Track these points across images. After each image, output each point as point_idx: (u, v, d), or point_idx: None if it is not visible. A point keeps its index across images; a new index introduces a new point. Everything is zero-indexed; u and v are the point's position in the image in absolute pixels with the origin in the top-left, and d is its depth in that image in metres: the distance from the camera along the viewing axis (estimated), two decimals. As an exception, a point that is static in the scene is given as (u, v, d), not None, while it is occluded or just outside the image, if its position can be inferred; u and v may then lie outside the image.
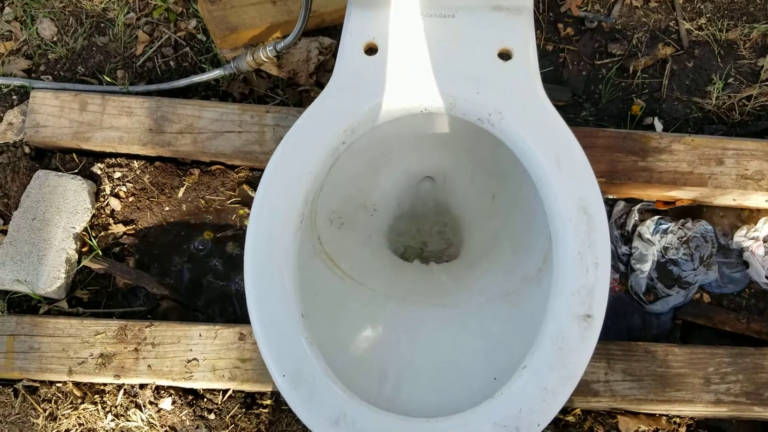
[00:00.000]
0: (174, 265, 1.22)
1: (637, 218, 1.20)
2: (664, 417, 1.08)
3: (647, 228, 1.18)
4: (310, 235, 0.89)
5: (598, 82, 1.34)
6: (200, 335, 1.09)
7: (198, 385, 1.06)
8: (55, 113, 1.24)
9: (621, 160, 1.18)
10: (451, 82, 0.82)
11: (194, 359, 1.07)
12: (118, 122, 1.24)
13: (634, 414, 1.07)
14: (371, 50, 0.87)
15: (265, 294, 0.72)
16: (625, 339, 1.13)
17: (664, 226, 1.18)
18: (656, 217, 1.19)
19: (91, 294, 1.18)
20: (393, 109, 0.84)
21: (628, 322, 1.16)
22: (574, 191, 0.76)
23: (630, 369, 1.06)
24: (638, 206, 1.20)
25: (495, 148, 0.91)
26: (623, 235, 1.20)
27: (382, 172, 1.03)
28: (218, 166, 1.28)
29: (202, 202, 1.26)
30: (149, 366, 1.06)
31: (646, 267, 1.16)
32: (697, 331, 1.17)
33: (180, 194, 1.26)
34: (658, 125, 1.31)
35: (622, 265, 1.19)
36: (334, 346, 0.77)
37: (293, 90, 1.35)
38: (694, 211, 1.23)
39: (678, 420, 1.09)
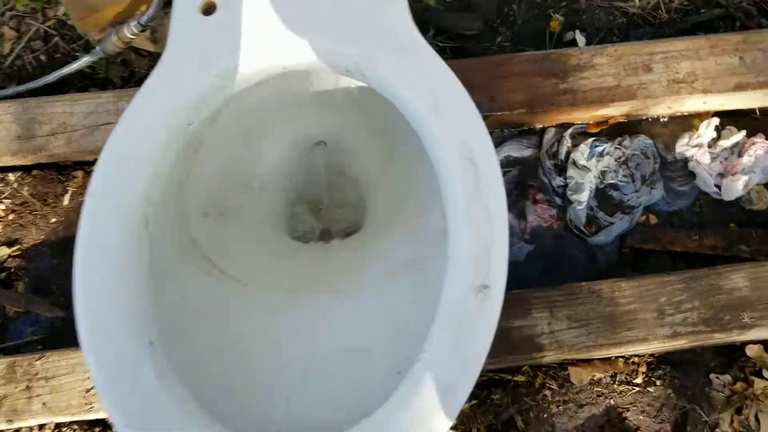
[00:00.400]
0: (68, 280, 1.09)
1: (569, 144, 1.07)
2: (620, 359, 0.99)
3: (581, 153, 1.06)
4: (178, 236, 0.76)
5: (511, 2, 1.20)
6: (101, 357, 0.97)
7: (101, 415, 0.95)
8: None
9: (540, 85, 1.05)
10: (307, 33, 0.69)
11: (93, 387, 0.96)
12: (-19, 134, 1.09)
13: (588, 362, 0.98)
14: (209, 9, 0.73)
15: (98, 326, 0.60)
16: (574, 281, 1.02)
17: (599, 149, 1.06)
18: (590, 140, 1.07)
19: (-22, 330, 1.06)
20: (247, 74, 0.71)
21: (572, 260, 1.05)
22: (455, 138, 0.63)
23: (575, 314, 0.96)
24: (569, 131, 1.08)
25: (383, 100, 0.78)
26: (557, 165, 1.08)
27: (264, 146, 0.89)
28: (103, 164, 1.14)
29: (92, 206, 1.12)
30: (44, 404, 0.95)
31: (584, 196, 1.04)
32: (649, 257, 1.06)
33: (65, 202, 1.13)
34: (581, 39, 1.18)
35: (558, 198, 1.07)
36: (206, 370, 0.66)
37: (174, 64, 1.20)
38: (632, 126, 1.11)
39: (636, 359, 0.99)
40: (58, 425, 0.97)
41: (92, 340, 0.59)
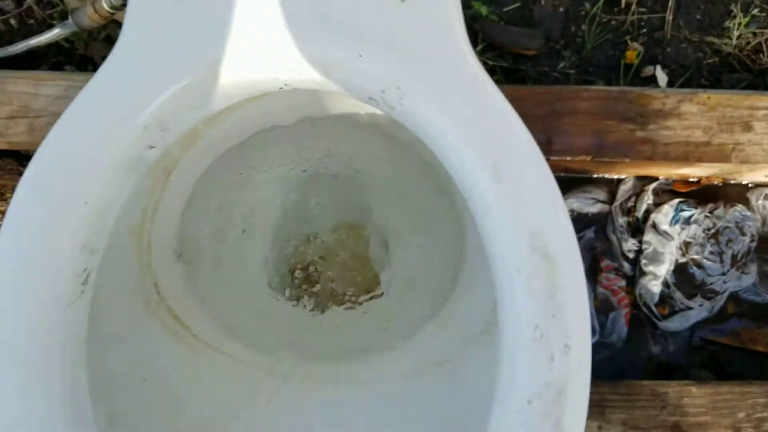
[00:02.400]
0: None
1: (650, 202, 0.88)
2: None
3: (664, 216, 0.86)
4: (138, 285, 0.58)
5: (580, 21, 1.00)
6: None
7: None
8: None
9: (612, 129, 0.86)
10: (319, 38, 0.49)
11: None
12: (-68, 108, 0.91)
13: (635, 481, 0.79)
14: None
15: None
16: (629, 372, 0.84)
17: (686, 214, 0.87)
18: (676, 200, 0.87)
19: None
20: (233, 87, 0.51)
21: (634, 347, 0.86)
22: (523, 220, 0.44)
23: (633, 420, 0.77)
24: (653, 186, 0.88)
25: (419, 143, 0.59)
26: (630, 225, 0.89)
27: (255, 178, 0.70)
28: (75, 159, 0.95)
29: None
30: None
31: (662, 270, 0.85)
32: (723, 353, 0.87)
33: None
34: (662, 76, 0.98)
35: (628, 264, 0.88)
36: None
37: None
38: (728, 191, 0.91)
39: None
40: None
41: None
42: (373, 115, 0.67)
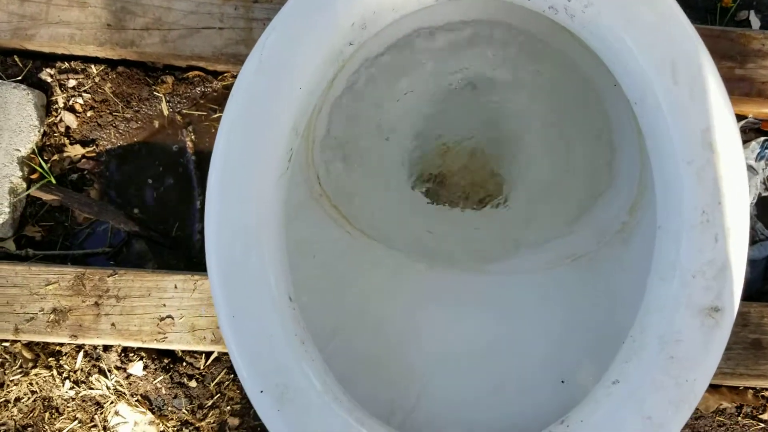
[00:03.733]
0: (146, 195, 0.99)
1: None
2: (750, 391, 0.87)
3: (751, 152, 0.92)
4: (305, 173, 0.65)
5: (681, -38, 1.03)
6: (176, 287, 0.88)
7: (174, 347, 0.86)
8: (-13, 3, 0.97)
9: (714, 66, 0.90)
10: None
11: (168, 317, 0.87)
12: (68, 15, 0.97)
13: (715, 388, 0.86)
14: None
15: (236, 269, 0.50)
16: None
17: (771, 151, 0.93)
18: (762, 138, 0.93)
19: (45, 231, 0.96)
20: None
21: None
22: (697, 118, 0.50)
23: (714, 336, 0.84)
24: (741, 123, 0.93)
25: (569, 48, 0.65)
26: None
27: (404, 81, 0.76)
28: (197, 72, 1.02)
29: (179, 117, 1.01)
30: (113, 324, 0.86)
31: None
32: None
33: (150, 107, 1.01)
34: (756, 21, 1.02)
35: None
36: (336, 337, 0.55)
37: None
38: None
39: (767, 394, 0.88)
40: (125, 349, 0.89)
41: (227, 287, 0.48)
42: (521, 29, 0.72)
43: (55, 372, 0.88)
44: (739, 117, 0.95)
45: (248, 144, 0.52)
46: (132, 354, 0.89)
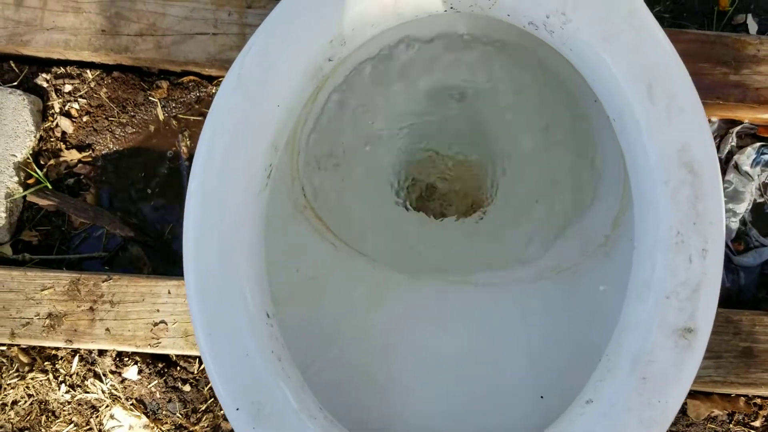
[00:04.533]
0: (141, 200, 1.00)
1: (734, 144, 0.93)
2: (742, 398, 0.87)
3: (746, 157, 0.91)
4: (289, 186, 0.65)
5: (677, -35, 1.03)
6: (169, 292, 0.89)
7: (167, 352, 0.87)
8: (-17, 9, 0.98)
9: (707, 72, 0.90)
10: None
11: (162, 322, 0.88)
12: (63, 21, 0.98)
13: (707, 395, 0.87)
14: None
15: (212, 287, 0.50)
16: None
17: (766, 157, 0.92)
18: (758, 144, 0.92)
19: (42, 235, 0.98)
20: (403, 9, 0.57)
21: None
22: (673, 137, 0.50)
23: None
24: (737, 129, 0.93)
25: (552, 61, 0.65)
26: None
27: (391, 90, 0.76)
28: (191, 78, 1.02)
29: (174, 122, 1.01)
30: (107, 329, 0.87)
31: (741, 207, 0.91)
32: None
33: (146, 112, 1.02)
34: (753, 25, 1.01)
35: (712, 202, 0.94)
36: (319, 351, 0.55)
37: (283, -24, 1.06)
38: None
39: (759, 401, 0.88)
40: (120, 354, 0.90)
41: (203, 303, 0.49)
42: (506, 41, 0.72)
43: (51, 376, 0.89)
44: (735, 123, 0.95)
45: (226, 161, 0.52)
46: (127, 358, 0.90)
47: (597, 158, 0.67)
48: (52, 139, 1.00)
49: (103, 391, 0.89)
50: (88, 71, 1.02)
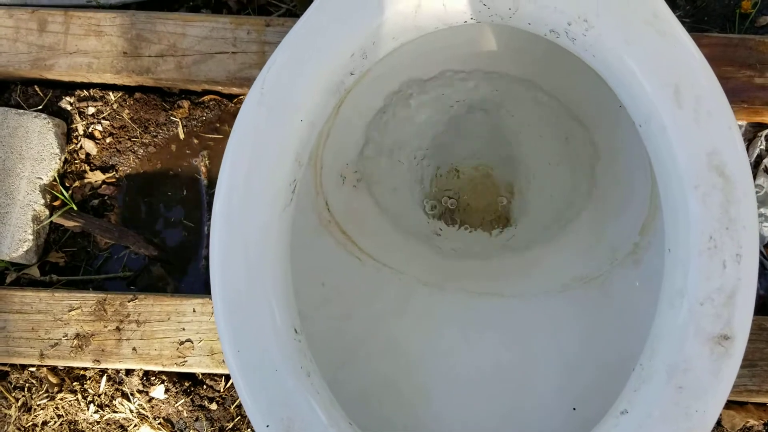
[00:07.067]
0: (163, 219, 1.00)
1: (763, 147, 0.92)
2: (777, 408, 0.85)
3: (777, 162, 0.90)
4: (313, 202, 0.65)
5: (696, -31, 1.02)
6: (194, 311, 0.89)
7: (194, 370, 0.87)
8: (9, 36, 1.00)
9: (731, 75, 0.89)
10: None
11: (188, 340, 0.88)
12: (86, 45, 1.00)
13: (742, 405, 0.84)
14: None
15: (240, 304, 0.50)
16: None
17: (798, 159, 0.91)
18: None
19: (68, 257, 0.99)
20: (423, 21, 0.57)
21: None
22: (702, 141, 0.49)
23: (739, 351, 0.82)
24: (766, 132, 0.92)
25: (574, 69, 0.64)
26: None
27: (412, 105, 0.76)
28: (212, 96, 1.03)
29: (195, 140, 1.02)
30: (134, 349, 0.88)
31: (773, 212, 0.90)
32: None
33: (168, 132, 1.03)
34: (776, 27, 1.00)
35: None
36: (346, 363, 0.55)
37: (302, -6, 1.06)
38: None
39: (794, 411, 0.85)
40: (147, 373, 0.90)
41: (231, 321, 0.49)
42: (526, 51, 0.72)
43: (79, 396, 0.90)
44: (763, 126, 0.93)
45: (251, 177, 0.52)
46: (153, 377, 0.90)
47: (621, 165, 0.66)
48: (76, 161, 1.01)
49: (131, 411, 0.89)
50: (110, 93, 1.04)
